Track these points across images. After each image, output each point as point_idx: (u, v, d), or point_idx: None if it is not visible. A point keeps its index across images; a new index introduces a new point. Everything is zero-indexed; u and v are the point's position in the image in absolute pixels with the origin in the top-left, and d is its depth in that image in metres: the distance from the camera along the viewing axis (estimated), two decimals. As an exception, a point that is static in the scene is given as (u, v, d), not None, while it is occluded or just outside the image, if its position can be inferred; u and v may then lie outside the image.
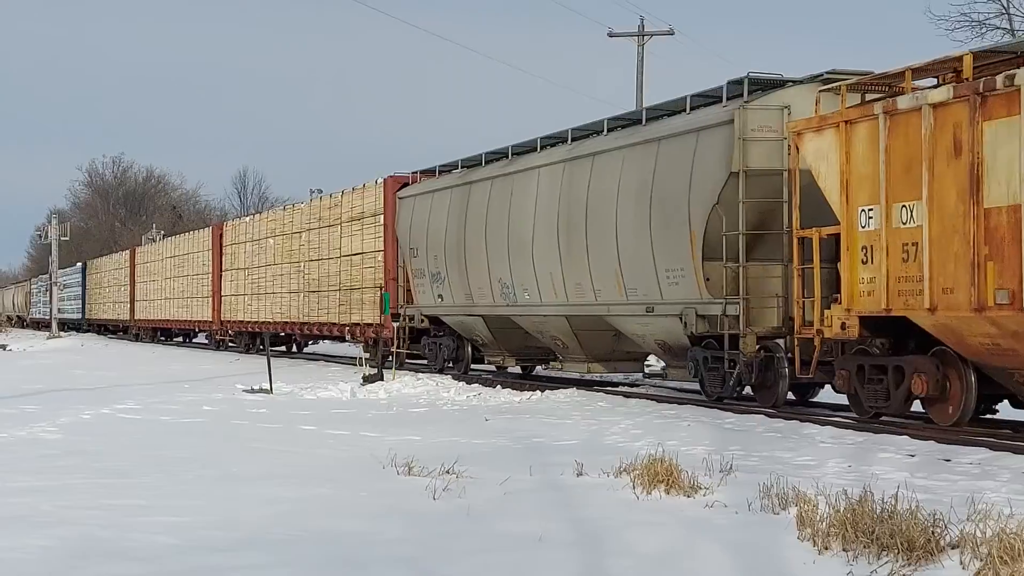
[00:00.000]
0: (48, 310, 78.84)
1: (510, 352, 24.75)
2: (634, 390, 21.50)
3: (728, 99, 17.51)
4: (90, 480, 10.90)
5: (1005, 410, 16.91)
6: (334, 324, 31.00)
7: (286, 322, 35.67)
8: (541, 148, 22.60)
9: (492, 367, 26.11)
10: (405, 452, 11.82)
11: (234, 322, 41.42)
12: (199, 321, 46.74)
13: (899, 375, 14.45)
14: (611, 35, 41.64)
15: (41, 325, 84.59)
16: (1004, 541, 6.99)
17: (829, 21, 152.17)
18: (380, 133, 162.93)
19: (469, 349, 25.81)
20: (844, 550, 7.59)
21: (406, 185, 27.90)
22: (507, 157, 23.67)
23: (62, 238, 71.45)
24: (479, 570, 7.47)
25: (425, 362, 27.83)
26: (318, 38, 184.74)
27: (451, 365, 26.27)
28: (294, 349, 40.63)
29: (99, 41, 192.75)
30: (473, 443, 13.76)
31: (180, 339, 56.69)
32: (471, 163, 25.38)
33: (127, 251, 64.52)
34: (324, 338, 34.37)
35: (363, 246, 29.37)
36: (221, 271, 43.21)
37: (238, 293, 40.88)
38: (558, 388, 21.20)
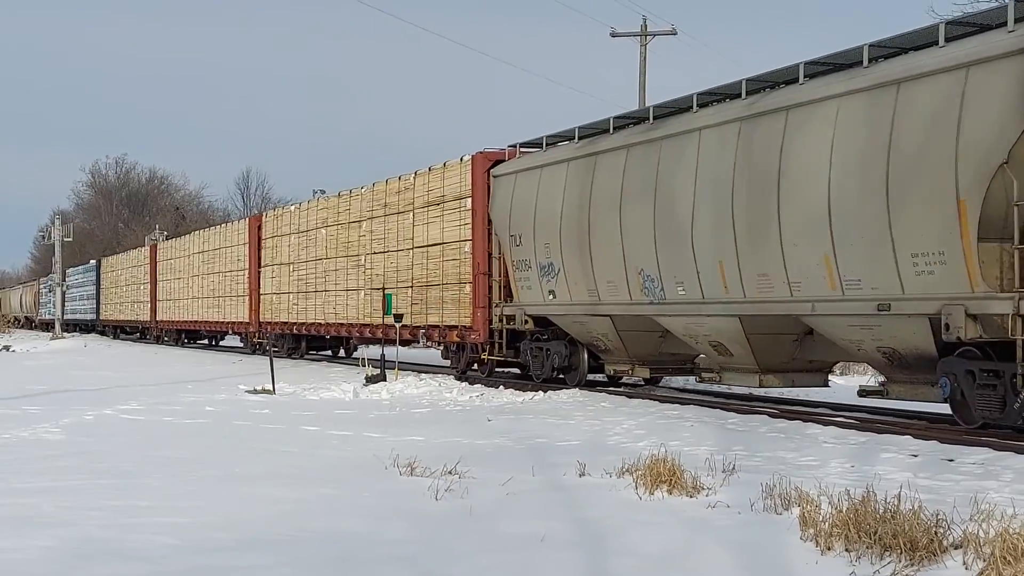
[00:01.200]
0: (57, 310, 75.64)
1: (641, 359, 20.49)
2: (636, 390, 21.48)
3: (1016, 21, 13.02)
4: (92, 481, 10.90)
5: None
6: (404, 326, 26.56)
7: (341, 323, 31.02)
8: (699, 107, 17.99)
9: (603, 376, 22.31)
10: (407, 453, 11.82)
11: (276, 323, 36.47)
12: (233, 322, 41.64)
13: None
14: (613, 35, 41.69)
15: (51, 326, 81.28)
16: (1007, 541, 6.97)
17: (830, 18, 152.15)
18: (384, 134, 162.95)
19: (585, 355, 21.64)
20: (847, 550, 7.57)
21: (501, 162, 23.62)
22: (647, 120, 19.28)
23: (65, 239, 71.51)
24: (481, 570, 7.47)
25: (518, 371, 24.12)
26: (321, 38, 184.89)
27: (559, 375, 22.34)
28: (341, 353, 36.74)
29: (101, 42, 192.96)
30: (475, 443, 13.75)
31: (205, 342, 52.24)
32: (592, 131, 20.90)
33: (147, 247, 59.11)
34: (391, 342, 28.67)
35: (443, 235, 25.04)
36: (259, 267, 38.43)
37: (281, 291, 36.15)
38: (560, 388, 21.18)
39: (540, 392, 20.83)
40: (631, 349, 20.38)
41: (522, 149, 23.35)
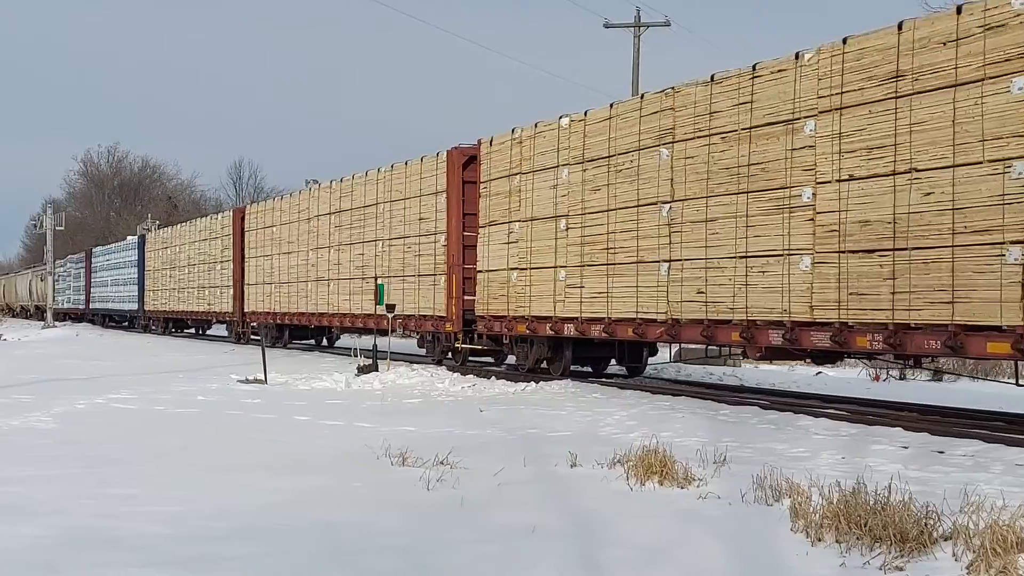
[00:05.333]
0: (81, 298, 68.68)
1: None
2: (628, 381, 21.50)
3: None
4: (84, 469, 10.89)
5: (1000, 401, 16.98)
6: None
7: (734, 322, 16.53)
8: None
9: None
10: (399, 443, 11.82)
11: (512, 319, 22.22)
12: (411, 317, 26.46)
13: None
14: (607, 26, 41.70)
15: (69, 317, 72.55)
16: (997, 533, 7.00)
17: (826, 9, 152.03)
18: (376, 124, 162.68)
19: None
20: (837, 541, 7.60)
21: None
22: None
23: (57, 228, 71.27)
24: (472, 561, 7.48)
25: None
26: (313, 28, 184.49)
27: None
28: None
29: (94, 30, 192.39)
30: (467, 434, 13.77)
31: (312, 341, 38.39)
32: None
33: (227, 212, 44.85)
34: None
35: None
36: (465, 230, 24.58)
37: (529, 266, 21.74)
38: (552, 379, 21.18)
39: (532, 383, 20.83)
40: None
41: None
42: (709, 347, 19.99)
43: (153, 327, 53.02)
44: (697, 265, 17.31)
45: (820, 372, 25.55)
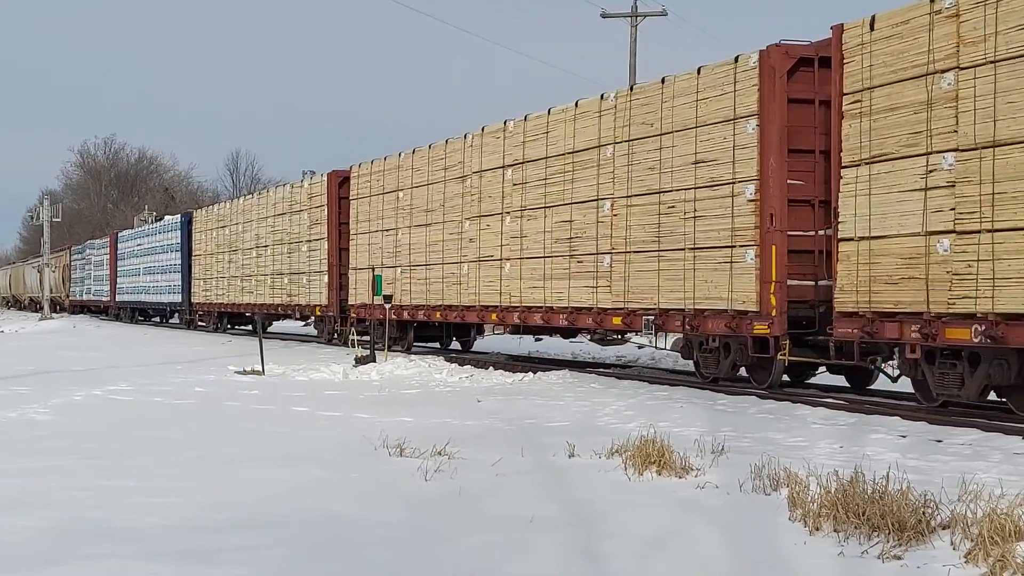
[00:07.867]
0: (104, 289, 61.34)
1: None
2: (627, 371, 21.50)
3: None
4: (81, 461, 10.89)
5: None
6: None
7: None
8: None
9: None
10: (397, 433, 11.82)
11: (968, 318, 12.80)
12: (672, 313, 17.71)
13: None
14: (604, 15, 41.63)
15: (88, 310, 68.01)
16: (995, 522, 7.01)
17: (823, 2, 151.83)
18: (373, 115, 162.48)
19: None
20: (835, 531, 7.61)
21: None
22: None
23: (54, 219, 71.19)
24: (470, 551, 7.48)
25: None
26: (311, 19, 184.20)
27: None
28: None
29: (91, 20, 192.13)
30: (465, 424, 13.76)
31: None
32: None
33: (319, 177, 32.81)
34: None
35: None
36: (788, 176, 16.08)
37: (982, 227, 12.64)
38: (551, 370, 21.18)
39: (530, 373, 20.83)
40: None
41: None
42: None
43: (202, 323, 44.51)
44: None
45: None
